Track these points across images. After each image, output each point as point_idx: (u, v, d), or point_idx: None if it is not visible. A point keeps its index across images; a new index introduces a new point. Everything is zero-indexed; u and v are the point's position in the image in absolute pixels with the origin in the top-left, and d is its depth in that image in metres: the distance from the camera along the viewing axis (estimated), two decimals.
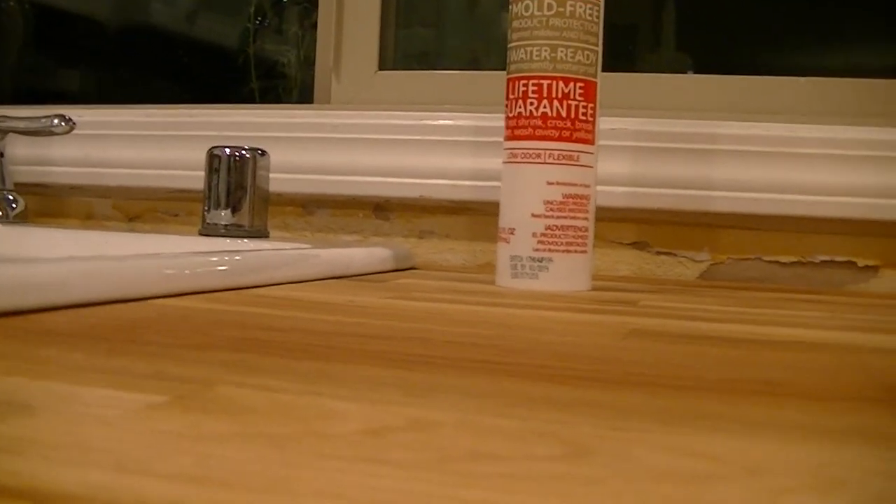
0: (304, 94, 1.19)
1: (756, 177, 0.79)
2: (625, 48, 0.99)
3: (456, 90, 0.95)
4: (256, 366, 0.27)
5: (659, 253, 0.82)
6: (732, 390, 0.27)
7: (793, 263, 0.80)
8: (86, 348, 0.29)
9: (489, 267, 0.85)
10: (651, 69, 0.96)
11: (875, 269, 0.79)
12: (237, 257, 0.52)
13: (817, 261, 0.80)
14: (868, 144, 0.77)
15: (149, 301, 0.43)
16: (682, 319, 0.46)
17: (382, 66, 1.01)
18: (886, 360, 0.36)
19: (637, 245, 0.83)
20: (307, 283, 0.57)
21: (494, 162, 0.83)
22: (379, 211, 0.89)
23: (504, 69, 0.62)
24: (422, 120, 0.86)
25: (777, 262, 0.80)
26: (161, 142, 0.93)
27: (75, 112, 0.87)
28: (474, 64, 1.09)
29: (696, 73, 0.96)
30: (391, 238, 0.88)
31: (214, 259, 0.50)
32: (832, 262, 0.79)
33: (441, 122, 0.85)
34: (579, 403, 0.24)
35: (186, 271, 0.47)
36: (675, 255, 0.82)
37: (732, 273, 0.81)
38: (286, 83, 1.24)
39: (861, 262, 0.79)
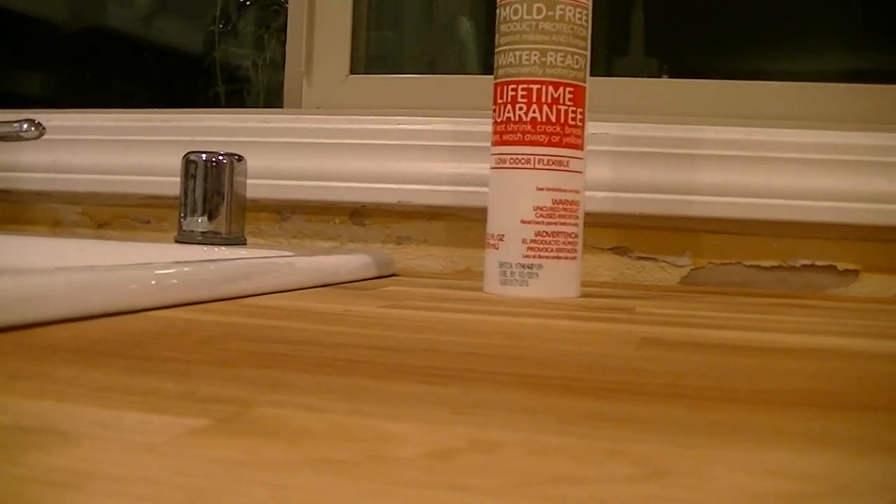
0: (270, 98, 1.18)
1: (737, 181, 0.78)
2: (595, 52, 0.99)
3: (428, 94, 0.94)
4: (287, 382, 0.26)
5: (640, 258, 0.82)
6: (773, 402, 0.26)
7: (773, 268, 0.80)
8: (103, 366, 0.27)
9: (468, 273, 0.84)
10: (621, 73, 0.96)
11: (855, 272, 0.79)
12: (229, 266, 0.51)
13: (798, 265, 0.80)
14: (847, 149, 0.77)
15: (143, 313, 0.42)
16: (685, 327, 0.46)
17: (354, 69, 1.00)
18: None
19: (618, 250, 0.82)
20: (295, 292, 0.56)
21: (473, 167, 0.82)
22: (355, 216, 0.87)
23: (475, 73, 0.61)
24: (399, 124, 0.85)
25: (758, 267, 0.80)
26: (131, 147, 0.91)
27: (43, 116, 0.85)
28: (441, 68, 1.08)
29: (669, 77, 0.96)
30: (368, 244, 0.87)
31: (209, 268, 0.49)
32: (813, 266, 0.79)
33: (418, 126, 0.84)
34: (632, 419, 0.23)
35: (176, 281, 0.46)
36: (656, 259, 0.81)
37: (714, 278, 0.81)
38: (251, 87, 1.23)
39: (841, 266, 0.79)
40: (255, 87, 1.22)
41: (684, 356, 0.35)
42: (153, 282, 0.44)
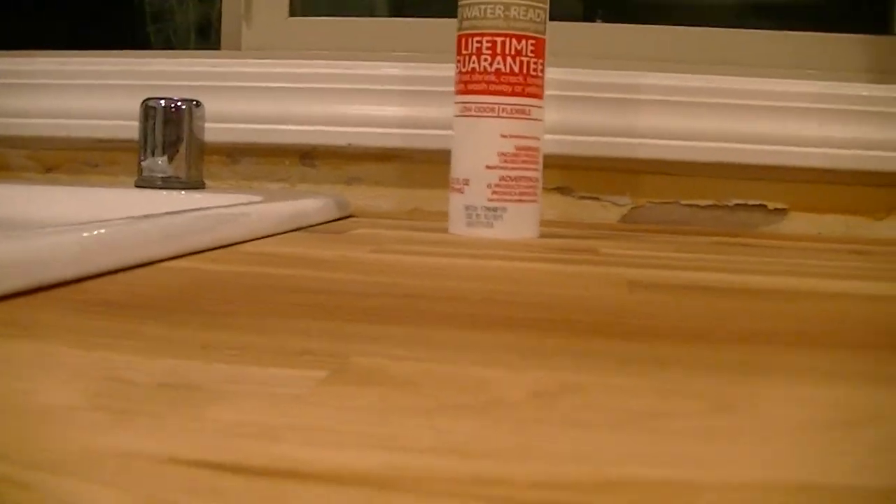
0: (200, 38, 1.18)
1: (674, 125, 0.82)
2: None
3: (367, 37, 0.96)
4: (356, 333, 0.29)
5: (583, 197, 0.85)
6: (782, 342, 0.30)
7: (709, 206, 0.84)
8: (181, 323, 0.30)
9: (418, 213, 0.87)
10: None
11: (784, 211, 0.84)
12: (219, 215, 0.53)
13: (731, 204, 0.84)
14: (779, 96, 0.82)
15: (157, 265, 0.44)
16: (659, 269, 0.50)
17: (293, 12, 1.01)
18: (879, 306, 0.40)
19: (562, 190, 0.86)
20: (276, 237, 0.58)
21: (423, 110, 0.84)
22: (305, 159, 0.89)
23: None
24: (349, 69, 0.87)
25: (694, 206, 0.84)
26: (78, 90, 0.92)
27: None
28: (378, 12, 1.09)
29: (603, 21, 0.99)
30: (319, 185, 0.89)
31: (203, 217, 0.51)
32: (745, 205, 0.84)
33: (366, 71, 0.86)
34: (671, 361, 0.27)
35: (177, 231, 0.48)
36: (598, 199, 0.85)
37: (652, 216, 0.85)
38: (178, 27, 1.22)
39: (771, 206, 0.84)
40: (183, 26, 1.22)
41: (676, 299, 0.39)
42: (160, 233, 0.46)
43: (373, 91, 0.86)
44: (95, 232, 0.40)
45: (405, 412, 0.20)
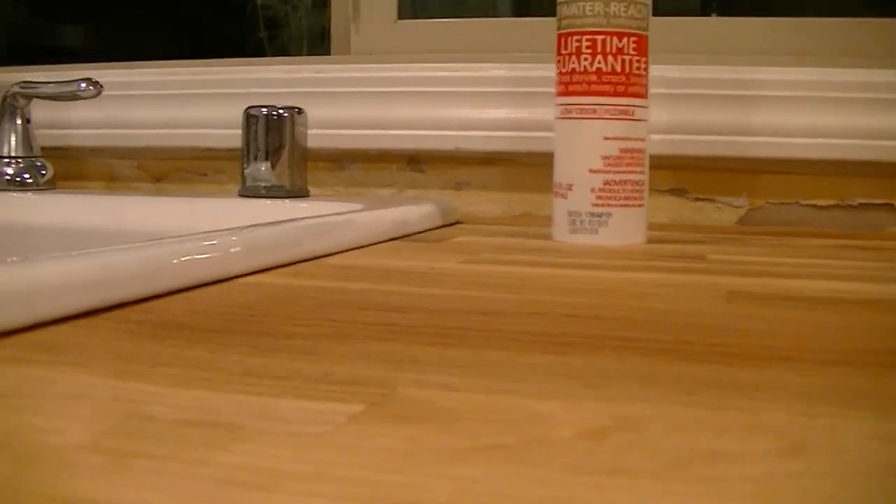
0: (313, 43, 1.18)
1: (793, 121, 0.78)
2: None
3: (476, 38, 0.94)
4: (414, 358, 0.27)
5: (697, 199, 0.82)
6: (873, 363, 0.27)
7: (830, 206, 0.80)
8: (231, 346, 0.29)
9: (528, 217, 0.85)
10: (667, 12, 0.95)
11: None
12: (309, 227, 0.52)
13: (855, 203, 0.80)
14: None
15: (238, 280, 0.43)
16: (765, 277, 0.47)
17: (401, 14, 1.00)
18: None
19: (675, 192, 0.82)
20: (371, 248, 0.57)
21: (531, 112, 0.82)
22: (413, 163, 0.88)
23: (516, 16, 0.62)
24: (455, 71, 0.85)
25: (814, 206, 0.80)
26: (186, 100, 0.92)
27: (96, 73, 0.85)
28: (491, 12, 1.08)
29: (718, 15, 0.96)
30: (427, 190, 0.88)
31: (292, 230, 0.50)
32: (870, 204, 0.80)
33: (474, 73, 0.85)
34: (751, 386, 0.24)
35: (262, 244, 0.47)
36: (713, 200, 0.82)
37: (771, 217, 0.81)
38: (292, 33, 1.23)
39: None
40: (297, 33, 1.23)
41: (775, 312, 0.36)
42: (241, 247, 0.44)
43: (479, 93, 0.84)
44: (167, 248, 0.39)
45: (431, 456, 0.19)
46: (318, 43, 1.16)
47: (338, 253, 0.53)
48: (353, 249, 0.55)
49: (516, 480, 0.17)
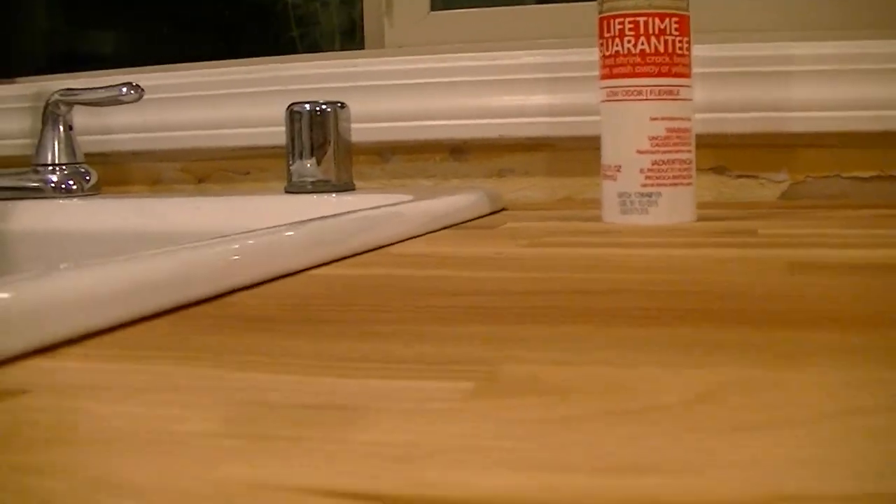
0: (345, 38, 1.19)
1: (830, 95, 0.79)
2: None
3: (508, 27, 0.95)
4: (505, 337, 0.28)
5: (739, 176, 0.83)
6: None
7: (872, 178, 0.81)
8: (320, 335, 0.30)
9: (569, 201, 0.86)
10: None
11: None
12: (366, 217, 0.53)
13: None
14: None
15: (305, 273, 0.44)
16: (820, 248, 0.47)
17: (433, 6, 1.00)
18: None
19: (716, 170, 0.83)
20: (427, 237, 0.57)
21: (568, 97, 0.83)
22: (456, 153, 0.89)
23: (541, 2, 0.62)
24: (493, 60, 0.86)
25: (856, 178, 0.81)
26: (225, 100, 0.93)
27: (134, 77, 0.86)
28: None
29: None
30: (471, 179, 0.89)
31: (351, 221, 0.51)
32: None
33: (511, 61, 0.86)
34: (844, 349, 0.25)
35: (323, 237, 0.48)
36: (755, 177, 0.82)
37: (813, 191, 0.82)
38: (323, 30, 1.24)
39: None
40: (328, 30, 1.24)
41: (842, 280, 0.37)
42: (305, 240, 0.45)
43: (517, 80, 0.85)
44: (237, 245, 0.40)
45: (561, 423, 0.19)
46: (349, 39, 1.17)
47: (394, 244, 0.54)
48: (407, 240, 0.56)
49: (641, 439, 0.18)
